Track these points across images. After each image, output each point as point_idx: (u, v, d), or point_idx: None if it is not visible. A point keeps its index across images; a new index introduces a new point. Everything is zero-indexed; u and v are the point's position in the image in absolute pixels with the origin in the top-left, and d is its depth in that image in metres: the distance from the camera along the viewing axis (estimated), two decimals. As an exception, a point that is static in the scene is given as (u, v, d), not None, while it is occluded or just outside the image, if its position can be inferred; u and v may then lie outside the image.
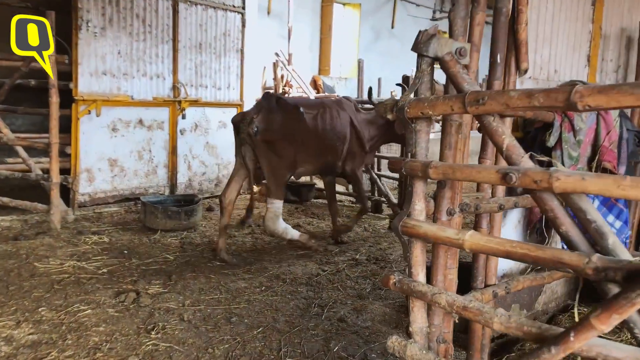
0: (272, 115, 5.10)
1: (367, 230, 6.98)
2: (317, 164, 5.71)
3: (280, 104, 5.26)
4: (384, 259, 5.73)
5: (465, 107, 1.87)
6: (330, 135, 5.58)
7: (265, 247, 6.02)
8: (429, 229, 2.06)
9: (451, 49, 2.09)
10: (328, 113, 5.60)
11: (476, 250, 1.90)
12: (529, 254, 1.73)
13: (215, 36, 8.32)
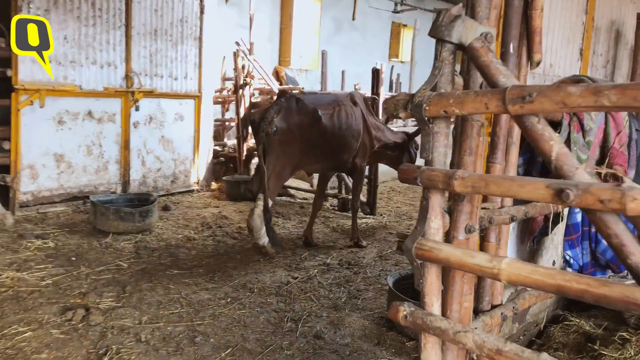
0: (292, 117, 5.04)
1: (336, 230, 6.62)
2: (331, 162, 5.66)
3: (300, 106, 5.15)
4: (356, 263, 5.37)
5: (506, 105, 1.50)
6: (346, 134, 5.49)
7: (229, 251, 5.56)
8: (453, 253, 1.68)
9: (476, 34, 1.72)
10: (343, 111, 5.50)
11: (516, 283, 1.54)
12: (590, 290, 1.38)
13: (171, 22, 7.76)
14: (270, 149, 4.97)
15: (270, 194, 5.06)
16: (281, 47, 14.39)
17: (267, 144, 4.97)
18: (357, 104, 5.77)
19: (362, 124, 5.71)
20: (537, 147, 1.53)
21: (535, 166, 3.04)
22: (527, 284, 1.51)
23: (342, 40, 15.77)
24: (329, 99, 5.80)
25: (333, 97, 5.98)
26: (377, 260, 5.52)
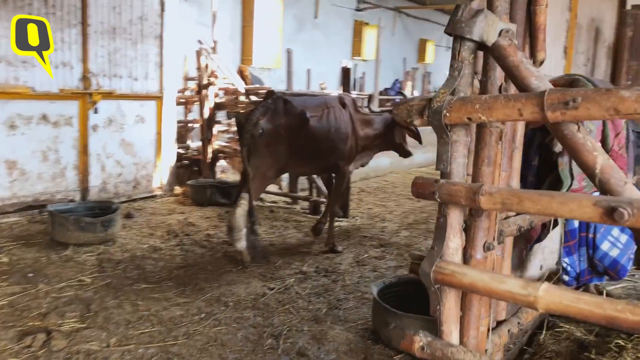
0: (279, 118, 4.95)
1: (309, 235, 6.39)
2: (318, 166, 5.63)
3: (287, 107, 5.05)
4: (334, 270, 5.17)
5: (544, 111, 1.32)
6: (334, 137, 5.39)
7: (199, 261, 5.28)
8: (480, 279, 1.49)
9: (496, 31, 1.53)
10: (332, 114, 5.40)
11: (557, 312, 1.35)
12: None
13: (130, 20, 7.38)
14: (255, 150, 4.87)
15: (254, 194, 4.96)
16: (243, 46, 14.07)
17: (252, 146, 4.86)
18: (346, 107, 5.66)
19: (350, 128, 5.58)
20: (577, 159, 1.36)
21: (531, 169, 2.90)
22: (570, 313, 1.34)
23: (305, 39, 15.55)
24: (317, 101, 5.69)
25: (322, 99, 5.87)
26: (354, 266, 5.33)
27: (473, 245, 1.70)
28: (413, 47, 22.11)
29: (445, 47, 24.37)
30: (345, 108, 5.65)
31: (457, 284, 1.54)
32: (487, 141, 1.64)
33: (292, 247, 5.88)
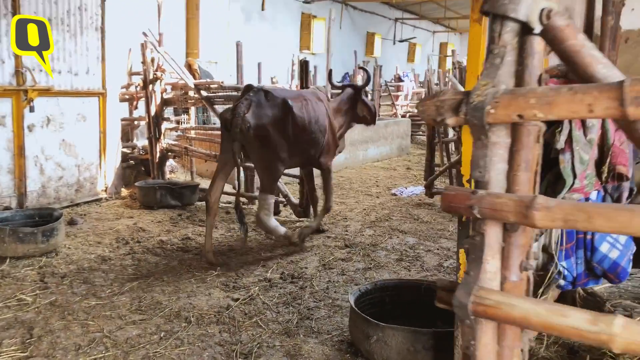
0: (263, 110, 4.92)
1: (270, 238, 6.06)
2: (302, 157, 5.53)
3: (269, 98, 5.03)
4: (300, 275, 4.86)
5: (624, 106, 1.06)
6: (314, 128, 5.37)
7: (153, 271, 4.86)
8: (534, 312, 1.22)
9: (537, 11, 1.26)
10: (310, 105, 5.37)
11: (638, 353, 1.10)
12: None
13: (68, 10, 6.79)
14: (250, 147, 4.92)
15: (268, 189, 5.02)
16: (188, 38, 13.51)
17: (244, 142, 4.89)
18: (321, 101, 5.63)
19: (327, 122, 5.57)
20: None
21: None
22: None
23: (252, 32, 15.11)
24: (295, 92, 5.73)
25: (297, 92, 5.89)
26: (320, 270, 5.05)
27: (507, 266, 1.44)
28: (361, 41, 21.99)
29: (391, 40, 24.41)
30: (321, 101, 5.63)
31: (504, 317, 1.28)
32: (524, 142, 1.37)
33: (254, 251, 5.54)
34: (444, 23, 28.90)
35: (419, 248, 5.81)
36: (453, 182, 7.65)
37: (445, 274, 5.05)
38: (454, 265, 5.23)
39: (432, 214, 7.36)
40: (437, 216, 7.23)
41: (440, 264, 5.33)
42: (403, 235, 6.27)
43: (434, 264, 5.33)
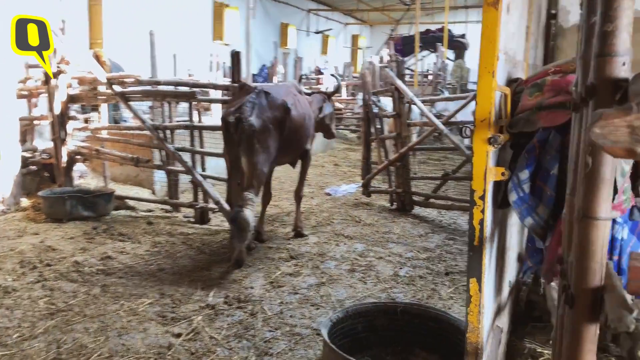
0: (265, 113, 4.89)
1: (204, 252, 5.39)
2: (295, 153, 5.73)
3: (269, 100, 4.99)
4: (247, 297, 4.26)
5: None
6: (307, 124, 5.54)
7: (71, 303, 4.08)
8: None
9: None
10: (298, 101, 5.46)
11: None
12: None
13: (-52, -9, 5.73)
14: (248, 147, 4.77)
15: (256, 191, 4.85)
16: (91, 27, 12.30)
17: (245, 144, 4.75)
18: (302, 93, 5.86)
19: (310, 112, 5.73)
20: None
21: (549, 181, 2.27)
22: None
23: (161, 21, 14.04)
24: (284, 90, 5.54)
25: (284, 88, 5.78)
26: (269, 289, 4.47)
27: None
28: (275, 32, 21.36)
29: (305, 31, 23.97)
30: (302, 94, 5.81)
31: None
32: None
33: (188, 270, 4.87)
34: (356, 15, 28.87)
35: (369, 255, 5.38)
36: (391, 181, 7.30)
37: (404, 284, 4.64)
38: (411, 275, 4.86)
39: (373, 214, 6.97)
40: (379, 217, 6.84)
41: (395, 273, 4.92)
42: (349, 242, 5.81)
43: (389, 273, 4.91)
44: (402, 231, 6.24)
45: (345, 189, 8.49)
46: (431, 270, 5.00)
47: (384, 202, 7.66)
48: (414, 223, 6.63)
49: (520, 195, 2.31)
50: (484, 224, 2.28)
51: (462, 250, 5.59)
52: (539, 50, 4.57)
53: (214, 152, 6.35)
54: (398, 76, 6.97)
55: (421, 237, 6.07)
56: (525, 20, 3.23)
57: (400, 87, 6.83)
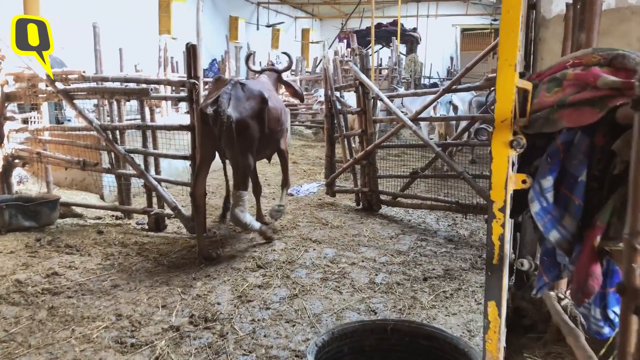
0: (242, 104, 4.85)
1: (162, 263, 4.95)
2: (272, 148, 5.69)
3: (246, 91, 4.93)
4: (214, 316, 3.87)
5: None
6: (282, 117, 5.49)
7: (13, 331, 3.58)
8: None
9: None
10: (273, 94, 5.41)
11: None
12: None
13: None
14: (229, 140, 4.74)
15: (243, 185, 4.89)
16: (27, 19, 11.44)
17: (225, 137, 4.71)
18: (274, 86, 5.88)
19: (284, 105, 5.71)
20: None
21: (576, 189, 1.99)
22: None
23: (104, 13, 13.28)
24: (260, 83, 5.45)
25: (259, 82, 5.60)
26: (237, 304, 4.09)
27: None
28: (224, 25, 20.74)
29: (255, 24, 23.42)
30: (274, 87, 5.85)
31: None
32: None
33: (146, 285, 4.42)
34: (306, 9, 28.49)
35: (342, 261, 5.07)
36: (357, 179, 7.01)
37: (382, 293, 4.35)
38: (388, 281, 4.57)
39: (339, 216, 6.66)
40: (346, 218, 6.54)
41: (371, 280, 4.62)
42: (319, 247, 5.48)
43: (365, 281, 4.60)
44: (371, 233, 5.96)
45: (307, 188, 8.16)
46: (408, 275, 4.73)
47: (349, 201, 7.37)
48: (382, 224, 6.36)
49: (543, 205, 2.02)
50: (504, 240, 1.99)
51: (436, 252, 5.36)
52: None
53: (169, 154, 5.88)
54: (362, 70, 6.67)
55: (392, 238, 5.80)
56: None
57: (365, 82, 6.54)
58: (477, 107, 10.51)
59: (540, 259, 2.33)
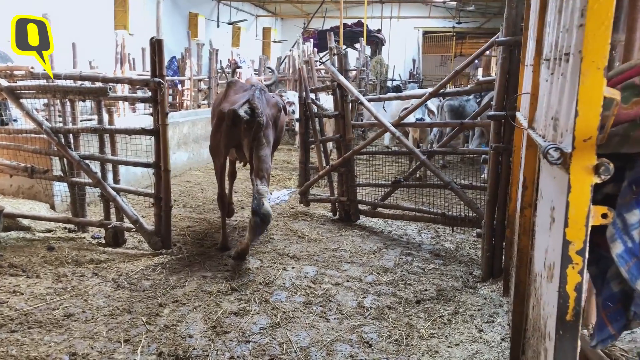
0: (268, 109, 5.12)
1: (122, 285, 4.37)
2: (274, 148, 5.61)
3: (267, 97, 5.23)
4: (187, 353, 3.34)
5: None
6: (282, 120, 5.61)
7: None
8: None
9: None
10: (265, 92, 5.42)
11: None
12: None
13: None
14: (258, 142, 4.94)
15: (268, 181, 5.00)
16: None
17: (254, 139, 4.91)
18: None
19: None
20: None
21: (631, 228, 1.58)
22: None
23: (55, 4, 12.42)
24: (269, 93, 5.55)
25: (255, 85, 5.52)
26: (212, 336, 3.57)
27: None
28: (183, 22, 19.97)
29: (215, 21, 22.70)
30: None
31: None
32: None
33: (104, 314, 3.85)
34: (268, 7, 27.88)
35: (324, 281, 4.60)
36: (334, 188, 6.56)
37: (374, 319, 3.91)
38: (378, 305, 4.14)
39: (316, 227, 6.19)
40: (323, 230, 6.08)
41: (360, 304, 4.17)
42: (297, 264, 5.00)
43: (353, 305, 4.15)
44: (352, 247, 5.51)
45: (278, 195, 7.65)
46: (399, 297, 4.30)
47: (324, 211, 6.90)
48: (362, 236, 5.92)
49: (628, 245, 1.61)
50: (581, 291, 1.56)
51: (424, 269, 4.96)
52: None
53: (130, 161, 5.28)
54: (340, 72, 6.22)
55: (375, 253, 5.37)
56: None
57: (343, 84, 6.09)
58: (449, 112, 10.23)
59: (603, 304, 1.91)
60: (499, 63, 4.48)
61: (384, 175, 8.25)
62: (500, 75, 4.42)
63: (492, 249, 4.62)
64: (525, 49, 3.97)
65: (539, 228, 2.61)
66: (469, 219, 5.41)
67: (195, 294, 4.24)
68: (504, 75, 4.41)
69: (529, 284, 2.85)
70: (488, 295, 4.36)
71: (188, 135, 9.27)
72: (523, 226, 2.89)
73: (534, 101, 2.76)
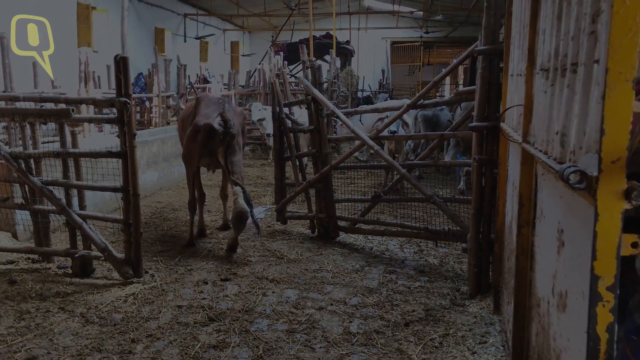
0: (235, 118, 5.67)
1: (91, 320, 4.07)
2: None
3: (232, 107, 5.92)
4: (163, 395, 3.07)
5: None
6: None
7: None
8: None
9: None
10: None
11: None
12: None
13: None
14: (231, 151, 5.53)
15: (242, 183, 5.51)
16: None
17: (229, 148, 5.50)
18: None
19: None
20: None
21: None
22: None
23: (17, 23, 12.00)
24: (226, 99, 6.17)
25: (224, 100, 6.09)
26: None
27: None
28: (149, 37, 19.62)
29: (182, 36, 22.40)
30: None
31: None
32: None
33: (72, 354, 3.55)
34: (235, 22, 27.67)
35: (307, 305, 4.38)
36: (311, 204, 6.35)
37: (362, 346, 3.70)
38: (365, 330, 3.92)
39: (295, 246, 5.97)
40: (302, 249, 5.86)
41: (346, 329, 3.96)
42: (277, 287, 4.76)
43: (339, 331, 3.94)
44: (334, 267, 5.30)
45: (254, 213, 7.38)
46: (387, 320, 4.10)
47: (302, 228, 6.69)
48: (343, 254, 5.72)
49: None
50: (614, 332, 1.38)
51: (410, 287, 4.77)
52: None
53: (96, 186, 4.99)
54: (315, 85, 6.04)
55: (358, 272, 5.17)
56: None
57: (318, 98, 5.91)
58: (423, 122, 10.13)
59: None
60: (478, 73, 4.34)
61: (361, 188, 8.09)
62: (481, 85, 4.28)
63: (479, 264, 4.47)
64: (508, 57, 3.84)
65: (541, 249, 2.45)
66: (452, 232, 5.25)
67: (170, 326, 3.97)
68: (485, 85, 4.27)
69: (529, 308, 2.68)
70: (478, 314, 4.19)
71: (158, 154, 8.96)
72: (521, 246, 2.72)
73: (527, 113, 2.60)
